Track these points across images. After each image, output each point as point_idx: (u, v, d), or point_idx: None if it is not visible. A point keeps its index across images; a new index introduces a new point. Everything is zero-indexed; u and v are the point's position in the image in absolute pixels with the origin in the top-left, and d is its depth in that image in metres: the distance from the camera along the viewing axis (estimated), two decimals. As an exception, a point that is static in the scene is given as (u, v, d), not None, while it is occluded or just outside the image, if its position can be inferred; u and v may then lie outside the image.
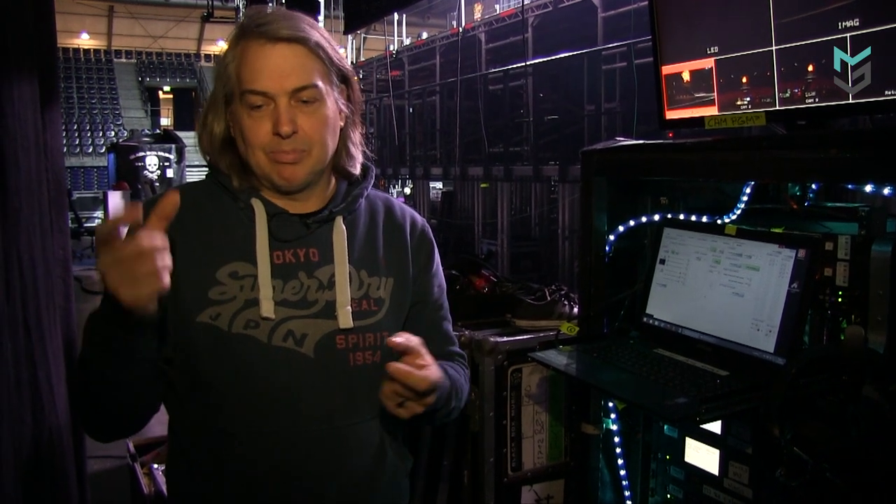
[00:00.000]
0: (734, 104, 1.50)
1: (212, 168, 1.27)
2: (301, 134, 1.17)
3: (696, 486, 1.63)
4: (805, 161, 1.27)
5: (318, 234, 1.24)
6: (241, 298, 1.17)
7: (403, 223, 1.35)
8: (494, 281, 2.47)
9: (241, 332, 1.16)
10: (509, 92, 11.71)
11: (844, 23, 1.27)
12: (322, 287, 1.22)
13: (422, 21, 21.34)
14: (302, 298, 1.20)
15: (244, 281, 1.18)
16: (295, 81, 1.16)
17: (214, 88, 1.23)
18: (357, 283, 1.25)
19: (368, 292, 1.26)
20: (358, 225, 1.28)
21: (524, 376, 2.10)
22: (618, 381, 1.44)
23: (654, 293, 1.65)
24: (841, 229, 1.36)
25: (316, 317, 1.20)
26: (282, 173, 1.18)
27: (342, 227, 1.25)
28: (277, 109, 1.16)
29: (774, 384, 1.19)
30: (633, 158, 1.63)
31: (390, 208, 1.36)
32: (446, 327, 1.41)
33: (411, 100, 14.72)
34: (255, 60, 1.16)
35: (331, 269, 1.23)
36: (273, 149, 1.17)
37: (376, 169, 1.39)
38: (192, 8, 26.94)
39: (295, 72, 1.16)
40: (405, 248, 1.33)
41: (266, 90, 1.15)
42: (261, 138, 1.17)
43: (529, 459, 2.14)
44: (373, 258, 1.28)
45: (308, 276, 1.21)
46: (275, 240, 1.21)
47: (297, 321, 1.19)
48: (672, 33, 1.62)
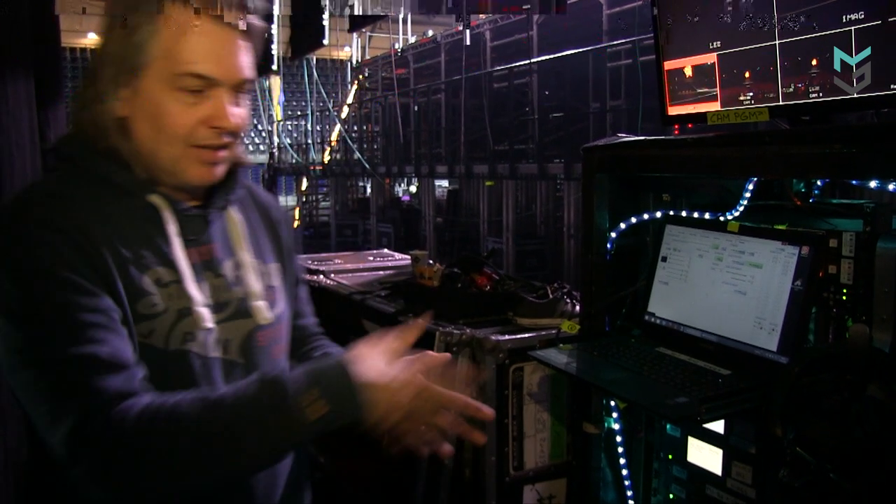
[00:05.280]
0: (737, 100, 1.48)
1: (89, 156, 1.05)
2: (233, 130, 1.06)
3: (698, 486, 1.61)
4: (808, 157, 1.24)
5: (213, 228, 1.13)
6: (173, 309, 1.03)
7: (269, 204, 1.27)
8: (496, 279, 2.46)
9: (179, 349, 1.03)
10: (514, 90, 11.68)
11: (848, 16, 1.25)
12: (230, 285, 1.11)
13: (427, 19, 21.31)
14: (216, 301, 1.09)
15: (170, 289, 1.04)
16: (246, 71, 1.05)
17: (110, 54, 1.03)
18: (257, 273, 1.16)
19: (267, 282, 1.17)
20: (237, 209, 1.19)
21: (526, 375, 2.08)
22: (618, 379, 1.42)
23: (655, 291, 1.63)
24: (845, 226, 1.34)
25: (233, 318, 1.10)
26: (202, 173, 1.06)
27: (236, 216, 1.16)
28: (219, 100, 1.03)
29: (777, 383, 1.18)
30: (634, 155, 1.62)
31: (252, 189, 1.25)
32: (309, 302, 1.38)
33: (416, 98, 14.70)
34: (203, 39, 1.01)
35: (232, 263, 1.13)
36: (200, 142, 1.04)
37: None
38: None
39: (245, 60, 1.05)
40: (279, 229, 1.26)
41: (214, 76, 1.02)
42: (186, 128, 1.02)
43: (531, 459, 2.12)
44: (259, 244, 1.20)
45: (215, 275, 1.10)
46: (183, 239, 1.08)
47: (218, 327, 1.07)
48: (674, 28, 1.60)
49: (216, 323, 1.07)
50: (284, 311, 1.19)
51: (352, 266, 3.37)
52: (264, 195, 1.27)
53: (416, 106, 14.57)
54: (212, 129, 1.03)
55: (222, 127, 1.04)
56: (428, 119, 14.25)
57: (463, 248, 11.92)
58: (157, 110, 1.01)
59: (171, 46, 1.00)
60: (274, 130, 22.18)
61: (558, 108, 11.09)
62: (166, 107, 1.01)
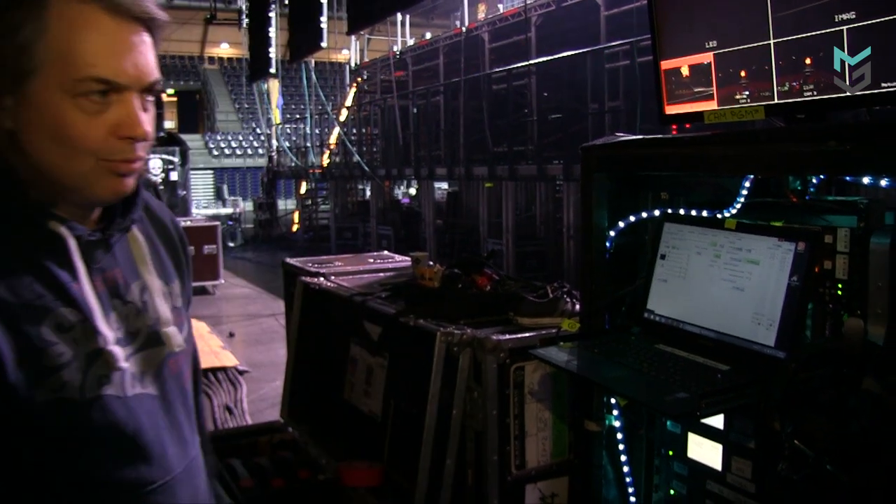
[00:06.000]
0: (733, 98, 1.49)
1: None
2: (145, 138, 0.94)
3: (699, 482, 1.62)
4: (804, 154, 1.26)
5: (116, 250, 1.01)
6: (82, 354, 0.92)
7: (163, 216, 1.15)
8: (496, 279, 2.47)
9: (96, 395, 0.92)
10: (513, 91, 11.70)
11: (841, 16, 1.27)
12: (139, 312, 1.02)
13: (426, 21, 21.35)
14: (127, 331, 0.99)
15: (75, 332, 0.92)
16: (153, 73, 0.94)
17: None
18: (163, 296, 1.06)
19: (173, 303, 1.08)
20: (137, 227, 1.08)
21: (527, 374, 2.09)
22: (618, 377, 1.44)
23: (654, 289, 1.65)
24: (840, 222, 1.35)
25: (145, 347, 1.01)
26: (115, 187, 0.95)
27: (139, 235, 1.05)
28: (128, 106, 0.91)
29: (775, 378, 1.19)
30: (632, 154, 1.63)
31: (147, 202, 1.12)
32: None
33: (415, 100, 14.72)
34: (102, 37, 0.89)
35: (139, 287, 1.03)
36: (113, 155, 0.92)
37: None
38: (195, 10, 27.01)
39: (151, 61, 0.94)
40: (175, 245, 1.15)
41: (119, 80, 0.90)
42: (95, 140, 0.90)
43: (533, 457, 2.13)
44: (162, 264, 1.10)
45: (123, 302, 1.00)
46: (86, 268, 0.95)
47: (131, 360, 0.98)
48: (671, 28, 1.62)
49: (131, 354, 0.98)
50: (189, 335, 1.11)
51: (352, 268, 3.38)
52: (159, 207, 1.16)
53: (415, 108, 14.59)
54: (123, 139, 0.92)
55: (135, 136, 0.92)
56: (427, 121, 14.26)
57: (463, 250, 11.93)
58: (56, 121, 0.89)
59: (65, 47, 0.88)
60: (273, 134, 22.22)
61: (557, 109, 11.11)
62: (67, 117, 0.89)
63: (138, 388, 0.98)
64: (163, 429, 1.00)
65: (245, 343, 7.37)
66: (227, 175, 27.90)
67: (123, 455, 0.95)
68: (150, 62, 0.94)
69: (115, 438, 0.94)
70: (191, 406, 1.09)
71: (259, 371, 5.74)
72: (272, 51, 17.79)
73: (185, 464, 1.03)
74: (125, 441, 0.95)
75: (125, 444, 0.95)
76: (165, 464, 0.99)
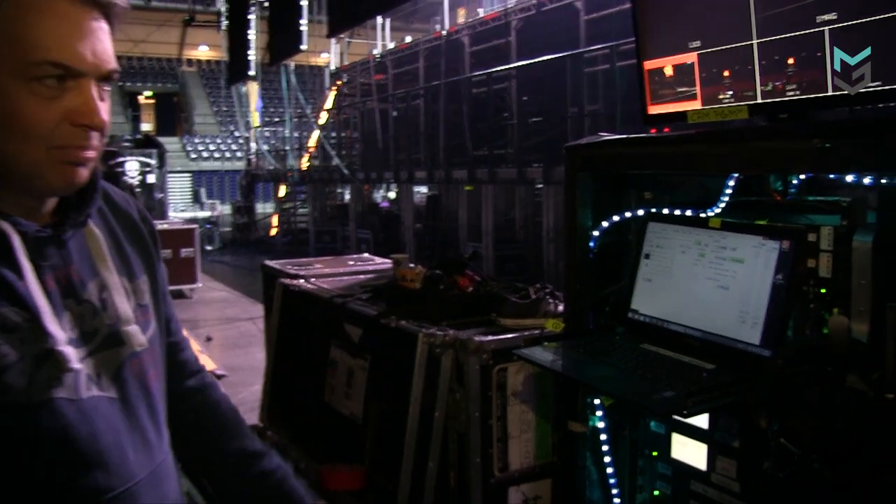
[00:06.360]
0: (717, 98, 1.50)
1: None
2: (101, 127, 0.91)
3: (683, 482, 1.62)
4: (787, 152, 1.27)
5: (70, 246, 0.97)
6: (29, 355, 0.88)
7: (129, 209, 1.11)
8: (479, 280, 2.46)
9: (46, 398, 0.88)
10: (493, 95, 11.72)
11: (822, 16, 1.27)
12: (97, 311, 0.97)
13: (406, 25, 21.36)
14: (82, 331, 0.95)
15: (20, 332, 0.88)
16: (111, 61, 0.91)
17: None
18: (126, 293, 1.02)
19: (137, 300, 1.04)
20: (96, 222, 1.03)
21: (510, 375, 2.08)
22: (604, 376, 1.43)
23: (639, 288, 1.64)
24: (824, 221, 1.36)
25: (103, 348, 0.97)
26: (68, 177, 0.90)
27: (98, 231, 1.01)
28: (85, 92, 0.88)
29: (761, 376, 1.19)
30: (616, 153, 1.63)
31: (109, 194, 1.08)
32: (178, 320, 1.22)
33: (395, 104, 14.69)
34: (58, 21, 0.86)
35: (97, 285, 0.99)
36: (66, 143, 0.89)
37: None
38: (173, 12, 26.80)
39: (108, 48, 0.91)
40: (143, 238, 1.11)
41: (77, 66, 0.87)
42: (47, 127, 0.87)
43: (516, 459, 2.12)
44: (125, 259, 1.05)
45: (78, 302, 0.96)
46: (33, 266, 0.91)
47: (86, 361, 0.94)
48: (654, 28, 1.62)
49: (87, 355, 0.94)
50: (157, 333, 1.07)
51: (332, 270, 3.35)
52: (123, 198, 1.11)
53: (395, 111, 14.56)
54: (78, 126, 0.88)
55: (91, 124, 0.89)
56: (407, 125, 14.24)
57: (443, 254, 11.91)
58: (7, 106, 0.86)
59: (20, 30, 0.85)
60: (251, 137, 22.07)
61: (537, 113, 11.15)
62: (19, 102, 0.86)
63: (95, 390, 0.93)
64: (122, 433, 0.96)
65: (223, 347, 7.29)
66: (205, 178, 27.65)
67: (78, 462, 0.90)
68: (108, 49, 0.91)
69: (68, 444, 0.89)
70: (158, 408, 1.04)
71: (237, 375, 5.68)
72: (251, 53, 17.69)
73: (149, 469, 0.98)
74: (79, 446, 0.90)
75: (79, 450, 0.90)
76: (126, 470, 0.95)
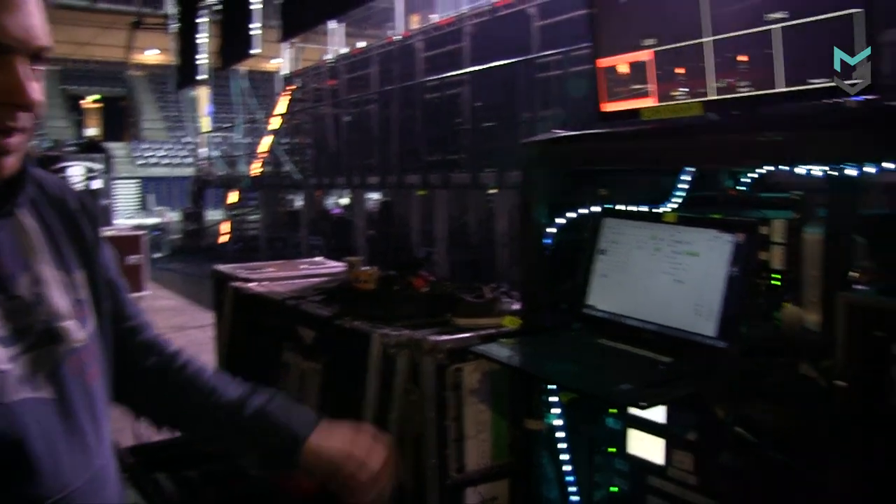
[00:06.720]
0: (671, 95, 1.51)
1: None
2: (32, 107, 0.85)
3: (640, 478, 1.62)
4: (738, 145, 1.28)
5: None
6: None
7: (65, 195, 1.04)
8: (433, 281, 2.44)
9: None
10: (446, 100, 11.75)
11: (771, 15, 1.30)
12: (30, 307, 0.91)
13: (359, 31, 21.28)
14: (14, 328, 0.89)
15: None
16: (42, 37, 0.85)
17: None
18: (62, 287, 0.96)
19: (75, 295, 0.98)
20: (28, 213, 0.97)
21: (466, 375, 2.06)
22: (562, 371, 1.42)
23: (595, 284, 1.64)
24: (776, 215, 1.38)
25: (38, 346, 0.91)
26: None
27: (28, 222, 0.95)
28: (14, 70, 0.82)
29: (718, 367, 1.20)
30: (572, 148, 1.63)
31: (42, 182, 1.02)
32: (135, 302, 1.18)
33: (348, 109, 14.60)
34: None
35: (29, 279, 0.92)
36: None
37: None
38: (119, 15, 26.17)
39: (39, 23, 0.85)
40: (79, 228, 1.04)
41: (3, 40, 0.81)
42: None
43: (473, 460, 2.10)
44: (60, 251, 0.99)
45: (8, 297, 0.89)
46: None
47: (19, 360, 0.88)
48: (609, 26, 1.63)
49: (19, 354, 0.88)
50: (97, 329, 1.01)
51: (284, 274, 3.28)
52: (57, 185, 1.04)
53: (347, 117, 14.48)
54: (6, 105, 0.82)
55: (19, 102, 0.83)
56: (360, 130, 14.18)
57: (396, 259, 11.87)
58: None
59: None
60: (201, 142, 21.66)
61: (490, 118, 11.21)
62: None
63: (27, 391, 0.87)
64: (58, 437, 0.90)
65: (172, 355, 7.10)
66: (154, 185, 27.06)
67: (6, 469, 0.85)
68: (39, 24, 0.85)
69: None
70: (100, 408, 0.97)
71: (187, 383, 5.54)
72: (201, 58, 17.39)
73: (87, 475, 0.92)
74: (6, 453, 0.84)
75: (7, 457, 0.85)
76: (60, 478, 0.88)
